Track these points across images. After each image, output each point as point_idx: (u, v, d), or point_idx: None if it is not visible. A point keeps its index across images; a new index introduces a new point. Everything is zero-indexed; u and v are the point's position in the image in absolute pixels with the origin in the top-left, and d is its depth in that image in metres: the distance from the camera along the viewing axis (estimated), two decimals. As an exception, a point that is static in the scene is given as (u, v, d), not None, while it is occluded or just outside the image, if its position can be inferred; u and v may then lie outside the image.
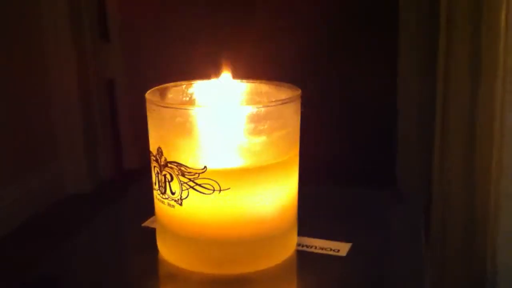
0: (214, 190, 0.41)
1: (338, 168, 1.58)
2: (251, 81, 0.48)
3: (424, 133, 1.22)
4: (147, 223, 0.54)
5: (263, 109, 0.41)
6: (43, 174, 1.81)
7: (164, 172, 0.43)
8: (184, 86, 0.48)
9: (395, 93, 1.51)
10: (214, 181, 0.41)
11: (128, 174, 2.01)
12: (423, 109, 1.29)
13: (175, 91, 0.47)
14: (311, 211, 0.52)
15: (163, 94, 0.46)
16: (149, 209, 0.48)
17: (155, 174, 0.44)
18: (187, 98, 0.48)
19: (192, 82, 0.48)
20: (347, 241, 0.50)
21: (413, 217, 0.57)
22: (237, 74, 0.47)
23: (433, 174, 0.98)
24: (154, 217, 0.49)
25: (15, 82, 1.68)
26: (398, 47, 1.47)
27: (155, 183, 0.45)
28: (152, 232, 0.49)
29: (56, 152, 1.87)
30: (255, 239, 0.44)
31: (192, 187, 0.42)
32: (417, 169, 1.33)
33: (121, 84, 2.05)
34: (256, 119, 0.41)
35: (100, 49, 1.97)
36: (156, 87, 0.46)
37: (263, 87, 0.48)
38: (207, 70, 0.51)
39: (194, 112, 0.41)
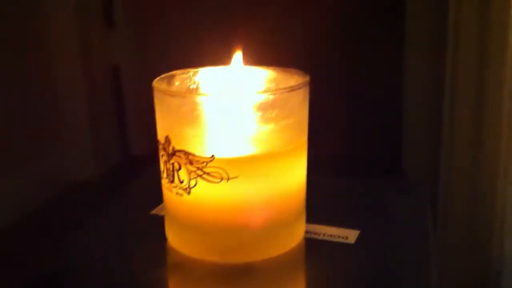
0: (222, 179, 0.41)
1: (345, 158, 1.58)
2: (258, 67, 0.48)
3: (431, 122, 1.22)
4: (155, 211, 0.54)
5: (270, 97, 0.41)
6: (48, 162, 1.82)
7: (172, 161, 0.43)
8: (191, 73, 0.47)
9: (402, 81, 1.51)
10: (222, 169, 0.41)
11: (134, 161, 2.02)
12: (430, 99, 1.28)
13: (182, 78, 0.47)
14: (318, 200, 0.52)
15: (170, 81, 0.46)
16: (158, 197, 0.48)
17: (163, 163, 0.44)
18: (195, 85, 0.47)
19: (199, 69, 0.48)
20: (355, 229, 0.50)
21: (421, 207, 0.57)
22: (246, 60, 0.47)
23: (440, 165, 0.97)
24: (162, 204, 0.48)
25: (19, 69, 1.68)
26: (405, 37, 1.47)
27: (163, 172, 0.44)
28: (160, 220, 0.49)
29: (62, 139, 1.88)
30: (263, 227, 0.44)
31: (200, 176, 0.41)
32: (424, 159, 1.32)
33: (127, 70, 2.05)
34: (264, 107, 0.41)
35: (106, 35, 1.96)
36: (163, 75, 0.45)
37: (271, 73, 0.47)
38: (214, 56, 0.50)
39: (201, 100, 0.41)
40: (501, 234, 0.82)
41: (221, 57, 0.50)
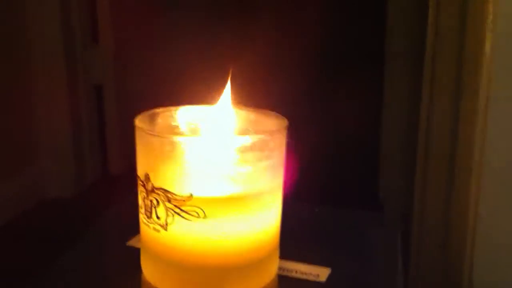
0: (199, 217, 0.42)
1: (323, 189, 1.61)
2: (239, 108, 0.49)
3: (407, 156, 1.25)
4: (131, 243, 0.55)
5: (249, 141, 0.42)
6: (28, 178, 1.81)
7: (150, 198, 0.44)
8: (173, 111, 0.49)
9: (380, 119, 1.55)
10: (200, 208, 0.42)
11: (114, 180, 2.01)
12: (406, 135, 1.32)
13: (164, 116, 0.48)
14: (293, 234, 0.53)
15: (152, 119, 0.47)
16: (134, 223, 0.48)
17: (142, 199, 0.45)
18: (176, 123, 0.49)
19: (181, 107, 0.49)
20: (327, 264, 0.52)
21: (392, 241, 0.58)
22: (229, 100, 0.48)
23: (414, 203, 1.00)
24: (138, 236, 0.49)
25: (0, 83, 1.67)
26: (384, 76, 1.51)
27: (141, 207, 0.45)
28: (136, 252, 0.50)
29: (42, 157, 1.87)
30: (237, 265, 0.45)
31: (178, 213, 0.43)
32: (399, 195, 1.35)
33: (109, 90, 2.05)
34: (242, 149, 0.42)
35: (89, 54, 1.96)
36: (145, 112, 0.47)
37: (251, 115, 0.49)
38: (196, 80, 0.51)
39: (182, 142, 0.42)
40: (470, 272, 0.84)
41: (203, 94, 0.52)
